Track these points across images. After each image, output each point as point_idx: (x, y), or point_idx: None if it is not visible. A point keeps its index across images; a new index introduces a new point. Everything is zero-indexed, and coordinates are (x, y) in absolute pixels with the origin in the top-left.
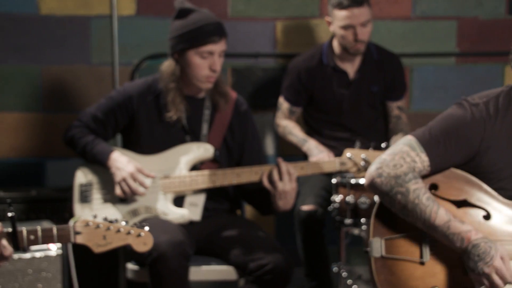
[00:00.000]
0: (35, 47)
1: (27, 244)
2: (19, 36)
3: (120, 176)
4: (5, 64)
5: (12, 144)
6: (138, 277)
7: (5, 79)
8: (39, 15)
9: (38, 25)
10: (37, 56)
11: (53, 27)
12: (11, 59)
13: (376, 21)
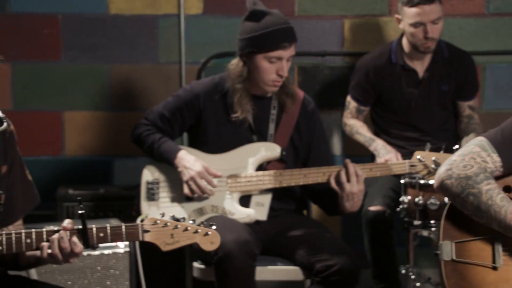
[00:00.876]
0: (104, 46)
1: (96, 241)
2: (88, 36)
3: (188, 175)
4: (75, 64)
5: (81, 142)
6: (204, 276)
7: (74, 78)
8: (108, 15)
9: (107, 25)
10: (105, 55)
11: (121, 26)
12: (81, 58)
13: (447, 18)
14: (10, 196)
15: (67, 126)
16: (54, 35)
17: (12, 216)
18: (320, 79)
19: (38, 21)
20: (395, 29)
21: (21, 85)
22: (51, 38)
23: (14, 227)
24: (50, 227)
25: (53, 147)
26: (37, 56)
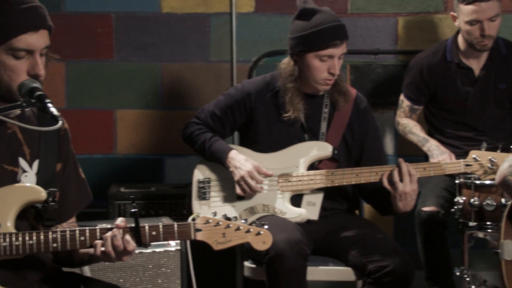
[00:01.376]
0: (156, 45)
1: (148, 240)
2: (141, 35)
3: (239, 175)
4: (127, 62)
5: (132, 141)
6: (255, 275)
7: (127, 77)
8: (160, 14)
9: (160, 24)
10: (157, 54)
11: (173, 25)
12: (133, 57)
13: (506, 14)
14: (64, 193)
15: (119, 124)
16: (107, 34)
17: (66, 214)
18: (372, 78)
19: (91, 20)
20: (450, 26)
21: (74, 83)
22: (104, 37)
23: (68, 224)
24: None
25: (105, 145)
26: (90, 55)
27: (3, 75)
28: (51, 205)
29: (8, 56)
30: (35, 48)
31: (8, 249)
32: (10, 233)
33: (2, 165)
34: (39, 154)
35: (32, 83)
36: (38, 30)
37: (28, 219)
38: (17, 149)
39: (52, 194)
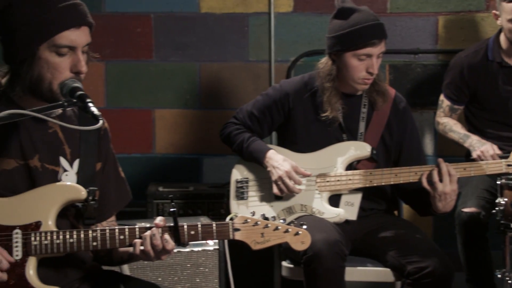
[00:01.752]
0: (195, 45)
1: (187, 239)
2: (180, 35)
3: (276, 175)
4: (166, 62)
5: (171, 140)
6: (293, 275)
7: (165, 77)
8: (199, 14)
9: (198, 24)
10: (196, 53)
11: (212, 25)
12: (172, 57)
13: None
14: (104, 192)
15: (157, 124)
16: (146, 34)
17: (105, 212)
18: (412, 77)
19: (131, 21)
20: (492, 25)
21: (114, 83)
22: (143, 37)
23: (107, 223)
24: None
25: (143, 145)
26: (130, 55)
27: (46, 72)
28: (91, 204)
29: (51, 53)
30: (77, 45)
31: (49, 247)
32: (51, 231)
33: (43, 164)
34: (80, 153)
35: (73, 82)
36: (80, 26)
37: (69, 217)
38: (58, 148)
39: (92, 193)
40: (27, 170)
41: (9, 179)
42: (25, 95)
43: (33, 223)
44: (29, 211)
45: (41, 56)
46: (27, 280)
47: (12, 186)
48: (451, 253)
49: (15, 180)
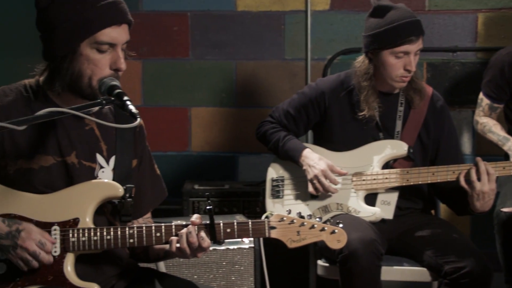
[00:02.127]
0: (231, 43)
1: (223, 237)
2: (216, 33)
3: (312, 173)
4: (202, 60)
5: (206, 138)
6: (328, 274)
7: (201, 75)
8: (236, 12)
9: (235, 22)
10: (232, 52)
11: (248, 23)
12: (208, 55)
13: None
14: (139, 189)
15: (193, 122)
16: (183, 33)
17: (141, 209)
18: (450, 76)
19: (168, 19)
20: None
21: (150, 81)
22: (180, 35)
23: (143, 220)
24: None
25: (179, 142)
26: (166, 53)
27: (86, 69)
28: (127, 201)
29: (92, 50)
30: (117, 42)
31: (86, 244)
32: (89, 228)
33: (80, 161)
34: (116, 150)
35: (111, 81)
36: (120, 24)
37: (105, 214)
38: (95, 145)
39: (129, 190)
40: (64, 167)
41: (47, 175)
42: (64, 92)
43: (71, 219)
44: (67, 208)
45: (82, 52)
46: (65, 276)
47: (50, 183)
48: (489, 253)
49: (53, 177)
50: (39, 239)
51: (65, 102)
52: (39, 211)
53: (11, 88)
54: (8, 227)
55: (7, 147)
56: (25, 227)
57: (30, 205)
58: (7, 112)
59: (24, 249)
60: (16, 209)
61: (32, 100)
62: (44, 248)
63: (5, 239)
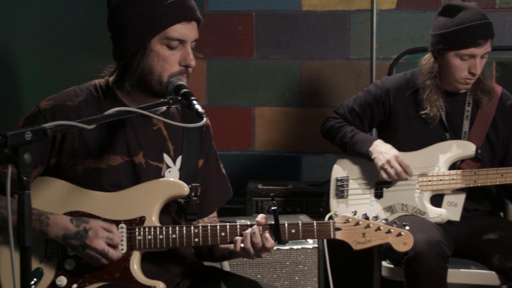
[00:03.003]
0: (296, 42)
1: (287, 237)
2: (281, 33)
3: (384, 159)
4: (267, 60)
5: (270, 138)
6: (393, 276)
7: (266, 74)
8: (301, 12)
9: (300, 21)
10: (296, 51)
11: (313, 23)
12: (273, 55)
13: None
14: (205, 189)
15: (257, 121)
16: (248, 32)
17: (207, 208)
18: None
19: (233, 19)
20: None
21: (215, 81)
22: (244, 35)
23: (209, 219)
24: (242, 220)
25: (243, 142)
26: (231, 53)
27: (156, 65)
28: (193, 200)
29: (162, 46)
30: (187, 39)
31: (152, 242)
32: (155, 226)
33: (147, 161)
34: (182, 150)
35: (178, 80)
36: (190, 21)
37: (171, 213)
38: (162, 145)
39: (194, 189)
40: (132, 167)
41: (115, 175)
42: (133, 91)
43: (137, 218)
44: (134, 206)
45: (152, 48)
46: (131, 274)
47: (118, 182)
48: None
49: (121, 176)
50: (106, 235)
51: (134, 101)
52: (107, 209)
53: (81, 88)
54: (76, 227)
55: (77, 146)
56: (92, 225)
57: (98, 203)
58: (78, 112)
59: (93, 249)
60: (85, 207)
61: (102, 100)
62: (113, 242)
63: (74, 239)
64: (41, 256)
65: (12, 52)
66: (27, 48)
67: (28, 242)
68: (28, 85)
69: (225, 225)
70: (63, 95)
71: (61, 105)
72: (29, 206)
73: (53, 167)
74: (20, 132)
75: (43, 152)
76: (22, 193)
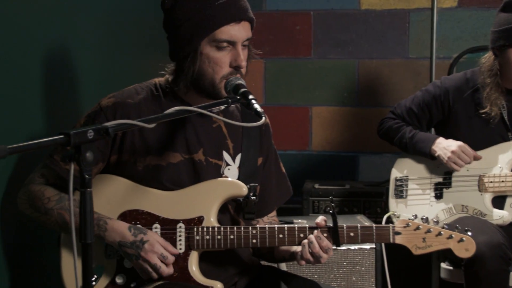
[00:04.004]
0: (354, 42)
1: (346, 241)
2: (339, 32)
3: (448, 152)
4: (324, 59)
5: (327, 138)
6: (452, 278)
7: (323, 74)
8: (359, 10)
9: (358, 20)
10: (354, 51)
11: (372, 21)
12: (330, 54)
13: None
14: (264, 187)
15: (314, 121)
16: (305, 32)
17: (266, 208)
18: None
19: (291, 18)
20: None
21: (272, 80)
22: (302, 34)
23: (268, 218)
24: (299, 220)
25: (300, 142)
26: (289, 53)
27: (207, 68)
28: (252, 199)
29: (212, 48)
30: (237, 39)
31: (210, 242)
32: (213, 226)
33: (207, 158)
34: (242, 148)
35: (237, 80)
36: (240, 21)
37: (229, 212)
38: (221, 143)
39: (253, 188)
40: (191, 164)
41: (174, 172)
42: (189, 91)
43: (196, 217)
44: (192, 206)
45: (202, 51)
46: (189, 274)
47: (177, 180)
48: None
49: (180, 174)
50: (161, 252)
51: (193, 100)
52: (166, 208)
53: (142, 86)
54: (134, 236)
55: (137, 144)
56: (149, 238)
57: (157, 202)
58: (138, 110)
59: (146, 261)
60: (144, 205)
61: (162, 99)
62: (166, 261)
63: (130, 248)
64: (101, 254)
65: (73, 51)
66: (88, 47)
67: (90, 239)
68: (89, 83)
69: (283, 227)
70: (124, 93)
71: (122, 102)
72: (91, 204)
73: (113, 164)
74: (83, 131)
75: (104, 149)
76: (84, 191)
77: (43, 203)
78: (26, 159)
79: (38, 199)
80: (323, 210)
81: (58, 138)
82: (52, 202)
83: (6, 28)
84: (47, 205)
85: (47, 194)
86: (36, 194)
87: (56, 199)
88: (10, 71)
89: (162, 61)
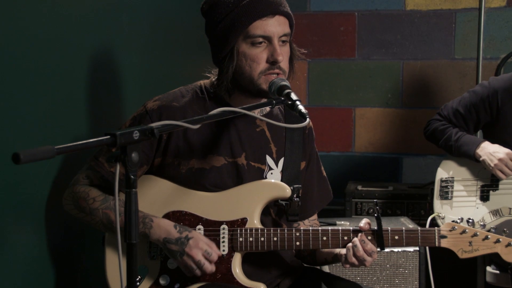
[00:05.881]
0: (398, 42)
1: (390, 244)
2: (383, 33)
3: (495, 159)
4: (368, 61)
5: (370, 139)
6: (498, 282)
7: (367, 75)
8: (404, 11)
9: (403, 21)
10: (399, 51)
11: (417, 22)
12: (375, 55)
13: None
14: (306, 191)
15: (357, 122)
16: (349, 33)
17: (308, 211)
18: None
19: (335, 19)
20: None
21: (316, 81)
22: (346, 35)
23: (309, 222)
24: (342, 222)
25: (343, 143)
26: (332, 53)
27: (245, 65)
28: (295, 201)
29: (247, 45)
30: (271, 34)
31: (253, 244)
32: (256, 228)
33: (249, 162)
34: (285, 152)
35: (281, 81)
36: (273, 16)
37: (271, 214)
38: (265, 147)
39: (296, 190)
40: (234, 168)
41: (218, 176)
42: (233, 93)
43: (239, 219)
44: (236, 208)
45: (239, 49)
46: (233, 275)
47: (220, 183)
48: None
49: (224, 177)
50: (206, 248)
51: (236, 102)
52: (209, 209)
53: (187, 89)
54: (179, 233)
55: (181, 147)
56: (194, 235)
57: (200, 204)
58: (183, 112)
59: (190, 257)
60: (187, 207)
61: (207, 101)
62: (209, 258)
63: (174, 244)
64: (145, 255)
65: (118, 53)
66: (133, 49)
67: (135, 239)
68: (133, 85)
69: (327, 230)
70: (169, 96)
71: (167, 105)
72: (136, 204)
73: (157, 166)
74: (129, 132)
75: (149, 151)
76: (129, 191)
77: (88, 204)
78: (71, 161)
79: (83, 200)
80: (366, 212)
81: (105, 139)
82: (97, 203)
83: (53, 31)
84: (92, 205)
85: (92, 195)
86: (81, 195)
87: (101, 200)
88: (56, 73)
89: (208, 63)
